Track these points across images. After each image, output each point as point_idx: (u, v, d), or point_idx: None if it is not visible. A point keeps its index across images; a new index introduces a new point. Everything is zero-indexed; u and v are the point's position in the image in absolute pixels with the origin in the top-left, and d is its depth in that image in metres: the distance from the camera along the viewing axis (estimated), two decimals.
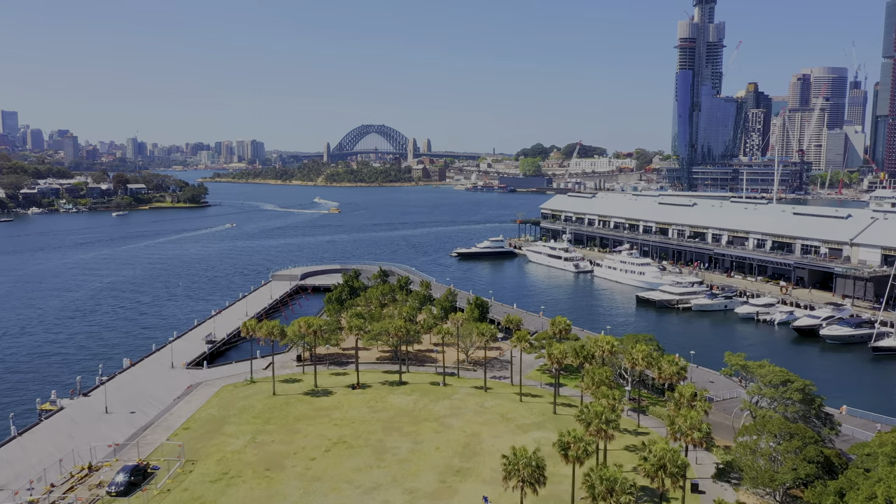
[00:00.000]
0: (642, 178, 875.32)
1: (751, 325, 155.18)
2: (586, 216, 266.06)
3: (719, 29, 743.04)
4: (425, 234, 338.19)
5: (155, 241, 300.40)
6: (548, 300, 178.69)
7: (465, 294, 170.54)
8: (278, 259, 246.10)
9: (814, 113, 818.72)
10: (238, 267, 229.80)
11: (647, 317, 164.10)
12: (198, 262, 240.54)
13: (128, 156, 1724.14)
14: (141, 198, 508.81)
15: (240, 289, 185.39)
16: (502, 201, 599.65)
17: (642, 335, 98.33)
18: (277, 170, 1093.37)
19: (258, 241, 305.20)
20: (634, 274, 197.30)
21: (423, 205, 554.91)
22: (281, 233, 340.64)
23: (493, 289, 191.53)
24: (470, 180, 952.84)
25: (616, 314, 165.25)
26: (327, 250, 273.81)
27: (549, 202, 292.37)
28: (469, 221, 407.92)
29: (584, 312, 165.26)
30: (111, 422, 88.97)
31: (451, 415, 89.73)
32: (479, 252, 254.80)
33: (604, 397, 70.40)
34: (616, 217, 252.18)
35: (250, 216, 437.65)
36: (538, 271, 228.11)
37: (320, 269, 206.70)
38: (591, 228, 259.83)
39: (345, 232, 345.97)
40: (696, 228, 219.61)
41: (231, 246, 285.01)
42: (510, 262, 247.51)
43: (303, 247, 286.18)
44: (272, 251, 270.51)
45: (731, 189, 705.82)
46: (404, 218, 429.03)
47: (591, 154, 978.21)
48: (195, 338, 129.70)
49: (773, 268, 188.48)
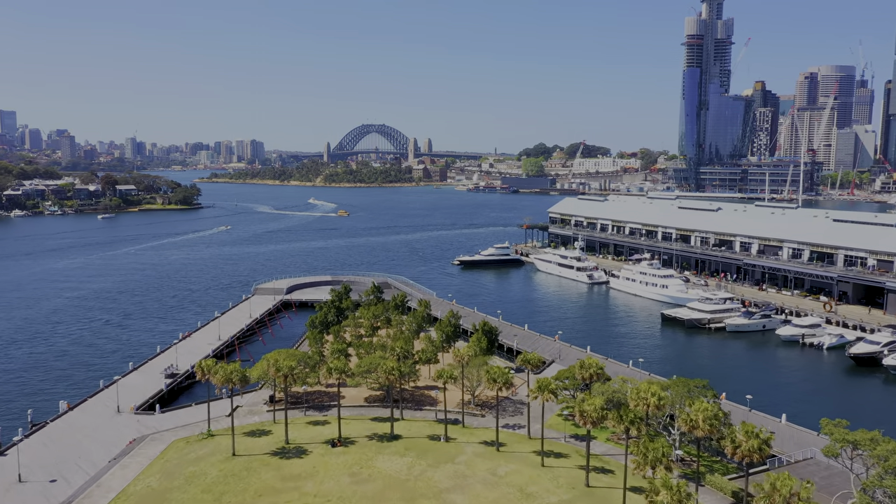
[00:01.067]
0: (647, 179, 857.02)
1: (795, 349, 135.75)
2: (598, 221, 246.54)
3: (728, 25, 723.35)
4: (425, 238, 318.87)
5: (137, 247, 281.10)
6: (561, 318, 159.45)
7: (468, 312, 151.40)
8: (264, 269, 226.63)
9: (825, 112, 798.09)
10: (219, 278, 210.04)
11: (675, 339, 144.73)
12: (177, 272, 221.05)
13: (127, 156, 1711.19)
14: (131, 199, 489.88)
15: (217, 305, 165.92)
16: (505, 203, 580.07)
17: (694, 381, 78.94)
18: (275, 170, 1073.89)
19: (245, 247, 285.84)
20: (656, 287, 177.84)
21: (423, 207, 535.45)
22: (272, 238, 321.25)
23: (499, 302, 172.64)
24: (472, 181, 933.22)
25: (639, 335, 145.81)
26: (319, 258, 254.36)
27: (557, 205, 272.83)
28: (471, 225, 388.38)
29: (603, 333, 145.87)
30: (21, 496, 69.79)
31: (454, 488, 70.30)
32: (483, 260, 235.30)
33: (665, 489, 51.03)
34: (631, 222, 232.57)
35: (242, 219, 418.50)
36: (548, 282, 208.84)
37: (309, 282, 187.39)
38: (605, 234, 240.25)
39: (340, 237, 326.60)
40: (721, 236, 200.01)
41: (216, 253, 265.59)
42: (517, 272, 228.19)
43: (293, 254, 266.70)
44: (259, 259, 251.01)
45: (740, 190, 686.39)
46: (403, 221, 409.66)
47: (595, 154, 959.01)
48: (153, 370, 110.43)
49: (811, 281, 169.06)
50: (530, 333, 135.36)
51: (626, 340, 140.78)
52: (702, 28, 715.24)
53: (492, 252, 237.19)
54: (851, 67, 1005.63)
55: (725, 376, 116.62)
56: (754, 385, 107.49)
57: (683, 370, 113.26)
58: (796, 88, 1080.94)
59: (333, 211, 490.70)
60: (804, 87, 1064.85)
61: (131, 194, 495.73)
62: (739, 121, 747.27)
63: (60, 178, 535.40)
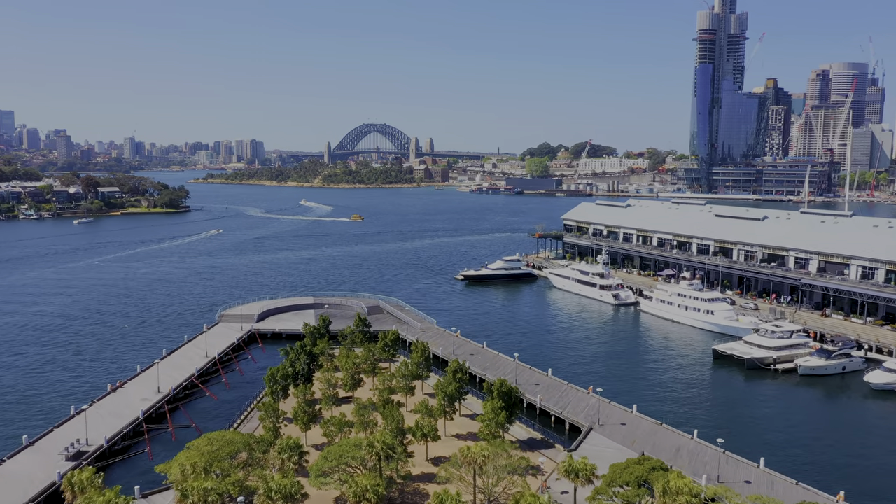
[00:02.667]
0: (656, 179, 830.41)
1: (891, 400, 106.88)
2: (620, 230, 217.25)
3: (742, 20, 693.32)
4: (425, 247, 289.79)
5: (103, 258, 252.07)
6: (589, 356, 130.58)
7: (476, 349, 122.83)
8: (238, 287, 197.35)
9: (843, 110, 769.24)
10: (182, 300, 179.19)
11: (733, 383, 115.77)
12: (134, 292, 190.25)
13: (125, 156, 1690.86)
14: (114, 202, 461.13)
15: (169, 339, 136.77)
16: (510, 205, 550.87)
17: None
18: (272, 171, 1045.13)
19: (223, 258, 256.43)
20: (699, 313, 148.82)
21: (423, 210, 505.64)
22: (256, 246, 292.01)
23: (512, 332, 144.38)
24: (474, 181, 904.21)
25: (690, 382, 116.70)
26: (303, 272, 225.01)
27: (572, 212, 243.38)
28: (475, 230, 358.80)
29: (645, 379, 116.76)
30: None
31: None
32: (490, 275, 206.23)
33: None
34: (660, 232, 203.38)
35: (228, 223, 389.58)
36: (566, 302, 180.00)
37: (286, 305, 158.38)
38: (629, 246, 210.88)
39: (330, 244, 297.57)
40: (771, 250, 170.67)
41: (188, 266, 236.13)
42: (529, 289, 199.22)
43: (276, 266, 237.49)
44: (235, 274, 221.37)
45: (755, 191, 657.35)
46: (401, 226, 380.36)
47: (601, 154, 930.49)
48: (52, 447, 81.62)
49: (887, 307, 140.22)
50: (555, 382, 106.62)
51: (675, 388, 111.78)
52: (714, 23, 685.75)
53: (500, 265, 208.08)
54: (864, 65, 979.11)
55: (825, 448, 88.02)
56: (869, 468, 79.03)
57: (766, 442, 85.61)
58: (808, 86, 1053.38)
59: (329, 214, 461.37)
60: (816, 84, 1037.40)
61: (114, 197, 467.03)
62: (753, 119, 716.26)
63: (41, 179, 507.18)
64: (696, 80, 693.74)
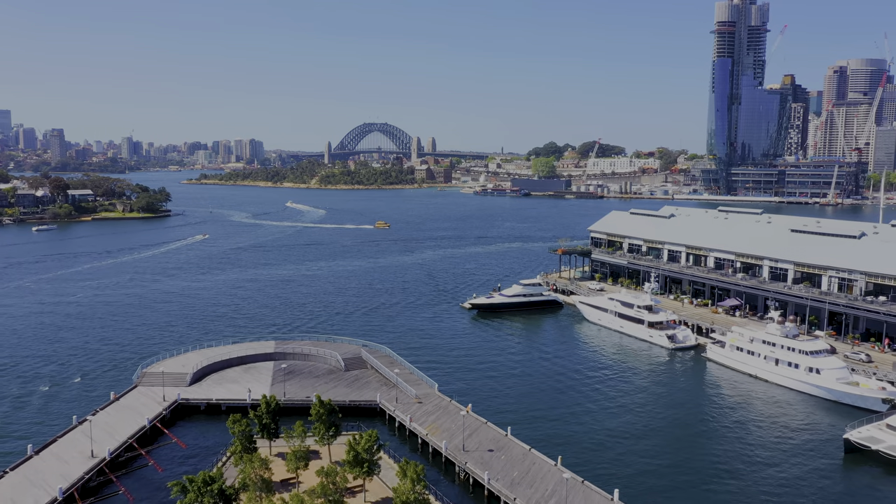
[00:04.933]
0: (668, 180, 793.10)
1: None
2: (664, 246, 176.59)
3: (763, 11, 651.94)
4: (425, 261, 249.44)
5: (42, 277, 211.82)
6: (638, 422, 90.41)
7: (495, 435, 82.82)
8: (184, 323, 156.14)
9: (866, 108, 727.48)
10: (101, 345, 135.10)
11: (882, 497, 75.74)
12: (48, 329, 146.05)
13: (123, 155, 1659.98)
14: (85, 206, 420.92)
15: (60, 416, 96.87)
16: (519, 209, 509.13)
17: None
18: (268, 171, 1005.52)
19: (182, 278, 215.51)
20: (798, 370, 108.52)
21: (423, 215, 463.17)
22: (228, 260, 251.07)
23: (539, 388, 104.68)
24: (478, 182, 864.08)
25: (801, 487, 76.40)
26: (273, 298, 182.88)
27: (602, 222, 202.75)
28: (482, 239, 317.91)
29: (726, 474, 76.42)
30: None
31: None
32: (505, 303, 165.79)
33: None
34: (718, 250, 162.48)
35: (209, 230, 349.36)
36: (602, 340, 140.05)
37: (235, 357, 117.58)
38: (678, 267, 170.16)
39: (316, 258, 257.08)
40: (881, 279, 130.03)
41: (134, 291, 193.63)
42: (554, 322, 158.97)
43: (241, 289, 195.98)
44: (186, 302, 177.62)
45: (776, 193, 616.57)
46: (397, 234, 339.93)
47: (609, 153, 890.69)
48: None
49: None
50: None
51: (776, 498, 71.70)
52: (734, 14, 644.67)
53: (518, 291, 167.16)
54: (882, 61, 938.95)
55: None
56: None
57: None
58: (825, 83, 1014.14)
59: (322, 220, 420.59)
60: (833, 81, 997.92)
61: (86, 200, 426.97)
62: (774, 116, 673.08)
63: (9, 180, 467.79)
64: (714, 74, 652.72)
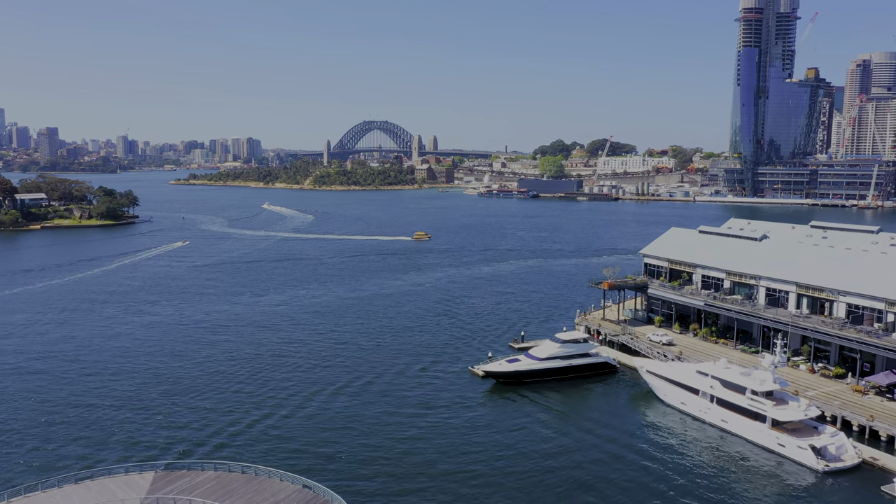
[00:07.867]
0: (685, 180, 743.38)
1: None
2: (758, 282, 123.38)
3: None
4: (419, 288, 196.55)
5: None
6: None
7: None
8: (56, 419, 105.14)
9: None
10: None
11: None
12: None
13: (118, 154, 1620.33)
14: (37, 213, 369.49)
15: None
16: (530, 215, 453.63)
17: None
18: (260, 171, 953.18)
19: (119, 322, 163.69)
20: None
21: (422, 222, 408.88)
22: (182, 292, 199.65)
23: None
24: (482, 182, 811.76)
25: None
26: (187, 361, 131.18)
27: (657, 244, 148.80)
28: (489, 252, 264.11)
29: None
30: None
31: None
32: (535, 370, 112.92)
33: None
34: (853, 294, 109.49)
35: (178, 239, 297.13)
36: (691, 445, 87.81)
37: None
38: (788, 315, 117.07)
39: (278, 288, 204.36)
40: None
41: (40, 346, 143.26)
42: (606, 403, 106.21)
43: (153, 342, 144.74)
44: (45, 373, 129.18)
45: (808, 195, 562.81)
46: (388, 247, 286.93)
47: (620, 152, 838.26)
48: None
49: None
50: None
51: None
52: (761, 0, 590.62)
53: (554, 352, 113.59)
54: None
55: None
56: None
57: None
58: (847, 77, 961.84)
59: (314, 227, 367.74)
60: (856, 75, 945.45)
61: (39, 205, 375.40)
62: (804, 112, 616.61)
63: None
64: (739, 66, 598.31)
